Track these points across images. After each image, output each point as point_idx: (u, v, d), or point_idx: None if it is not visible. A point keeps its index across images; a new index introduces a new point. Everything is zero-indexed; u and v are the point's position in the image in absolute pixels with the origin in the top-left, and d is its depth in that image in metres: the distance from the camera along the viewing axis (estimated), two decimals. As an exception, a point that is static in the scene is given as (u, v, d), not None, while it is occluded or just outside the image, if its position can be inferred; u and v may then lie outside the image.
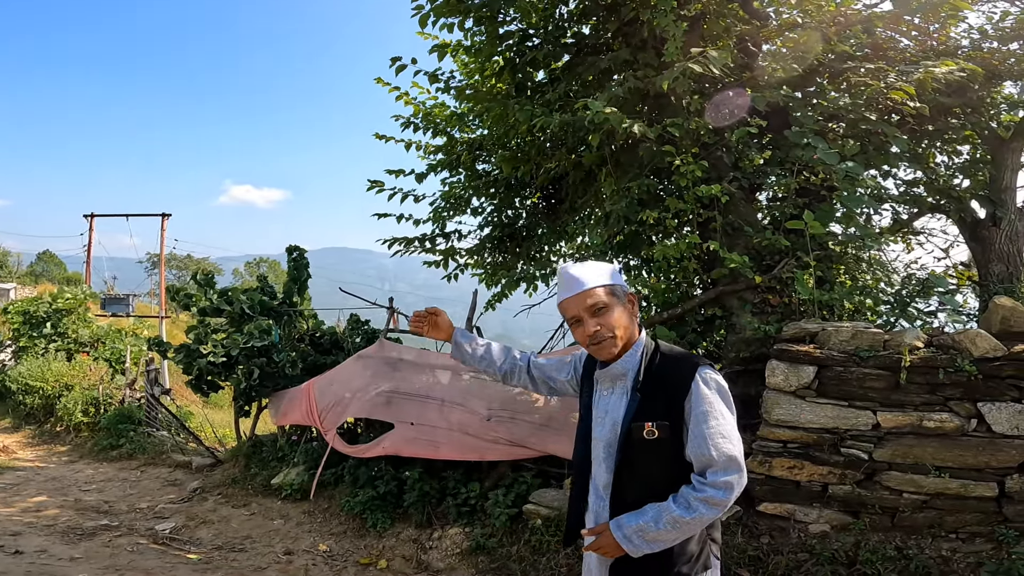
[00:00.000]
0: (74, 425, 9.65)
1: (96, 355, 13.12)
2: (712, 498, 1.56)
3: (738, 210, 4.04)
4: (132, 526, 4.77)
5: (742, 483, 1.59)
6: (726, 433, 1.59)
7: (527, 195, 5.72)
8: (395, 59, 4.75)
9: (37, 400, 10.83)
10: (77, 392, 10.29)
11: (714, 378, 1.64)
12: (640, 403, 1.67)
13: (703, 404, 1.60)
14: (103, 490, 6.16)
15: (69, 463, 7.93)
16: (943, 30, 4.13)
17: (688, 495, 1.59)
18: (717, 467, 1.57)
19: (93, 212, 24.68)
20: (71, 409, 9.80)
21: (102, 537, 4.43)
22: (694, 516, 1.57)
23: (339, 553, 4.18)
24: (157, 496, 5.84)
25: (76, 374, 11.24)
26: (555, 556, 3.60)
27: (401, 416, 4.66)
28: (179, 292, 6.90)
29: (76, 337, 13.58)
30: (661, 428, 1.63)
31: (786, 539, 3.27)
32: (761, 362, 3.55)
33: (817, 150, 3.51)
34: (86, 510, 5.25)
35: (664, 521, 1.59)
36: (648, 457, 1.66)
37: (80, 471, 7.27)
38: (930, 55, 3.91)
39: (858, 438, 3.23)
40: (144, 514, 5.19)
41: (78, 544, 4.25)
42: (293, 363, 5.96)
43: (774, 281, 3.86)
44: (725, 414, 1.61)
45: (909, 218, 4.74)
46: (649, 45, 4.07)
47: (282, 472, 5.52)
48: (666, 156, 3.81)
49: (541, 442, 4.16)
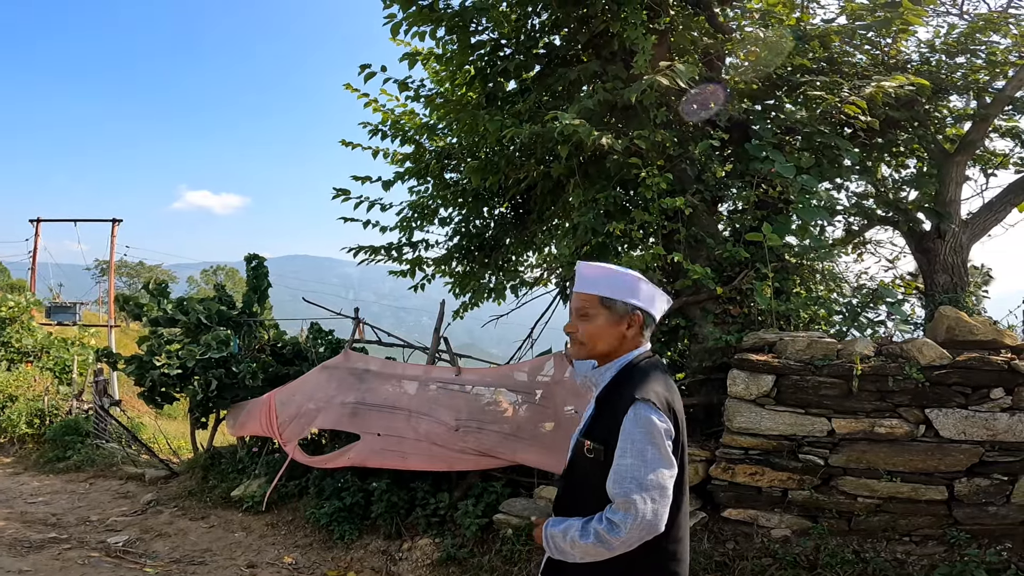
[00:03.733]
0: (18, 437, 9.24)
1: (40, 365, 12.55)
2: (601, 532, 1.53)
3: (701, 222, 4.14)
4: (83, 539, 4.57)
5: (639, 529, 1.50)
6: (636, 476, 1.51)
7: (495, 205, 5.74)
8: (364, 66, 4.74)
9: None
10: (21, 403, 9.88)
11: (646, 417, 1.55)
12: (592, 419, 1.70)
13: (625, 440, 1.55)
14: (50, 503, 5.88)
15: (13, 475, 7.56)
16: (895, 44, 4.29)
17: (592, 521, 1.57)
18: (616, 504, 1.53)
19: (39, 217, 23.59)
20: (15, 420, 9.40)
21: (51, 550, 4.23)
22: (587, 542, 1.55)
23: (306, 566, 4.09)
24: (108, 509, 5.60)
25: (20, 384, 10.75)
26: (527, 565, 3.60)
27: (368, 427, 4.60)
28: (129, 301, 6.69)
29: (19, 347, 12.96)
30: (596, 451, 1.62)
31: (750, 544, 3.35)
32: (723, 371, 3.63)
33: (775, 163, 3.62)
34: (33, 523, 5.00)
35: (569, 536, 1.60)
36: (585, 471, 1.68)
37: (25, 483, 6.93)
38: (882, 69, 4.07)
39: (814, 444, 3.34)
40: (95, 527, 4.97)
41: (26, 556, 4.05)
42: (254, 374, 5.83)
43: (734, 292, 3.96)
44: (645, 454, 1.52)
45: (859, 229, 4.94)
46: (618, 57, 4.15)
47: (243, 484, 5.38)
48: (633, 168, 3.89)
49: (510, 451, 4.18)
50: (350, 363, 5.13)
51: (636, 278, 1.73)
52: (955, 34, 4.34)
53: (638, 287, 1.72)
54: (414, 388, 4.86)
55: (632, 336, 1.72)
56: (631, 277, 1.73)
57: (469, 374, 4.81)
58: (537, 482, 4.17)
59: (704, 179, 4.18)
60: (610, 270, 1.74)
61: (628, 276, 1.73)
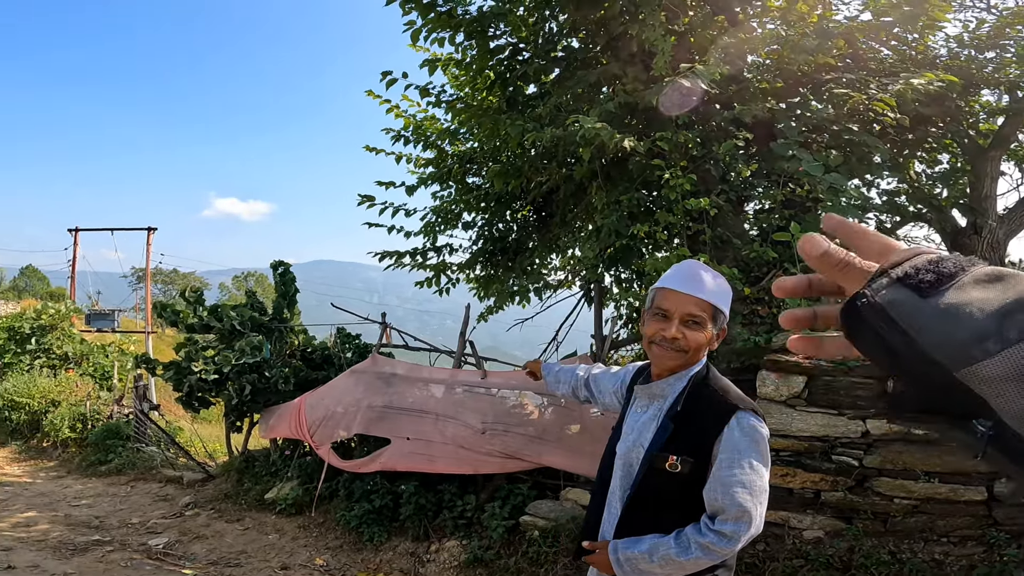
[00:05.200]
0: (61, 441, 9.56)
1: (82, 371, 12.99)
2: (712, 544, 1.51)
3: (726, 222, 4.09)
4: (124, 541, 4.72)
5: (749, 537, 1.52)
6: (748, 484, 1.50)
7: (518, 208, 5.76)
8: (386, 73, 4.80)
9: (23, 416, 10.71)
10: (64, 408, 10.21)
11: (752, 425, 1.55)
12: (671, 433, 1.62)
13: (731, 450, 1.52)
14: (93, 505, 6.09)
15: (57, 478, 7.83)
16: (921, 40, 4.20)
17: (690, 536, 1.54)
18: (727, 516, 1.51)
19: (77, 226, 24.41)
20: (58, 425, 9.72)
21: (95, 552, 4.38)
22: (689, 558, 1.53)
23: (336, 567, 4.16)
24: (148, 511, 5.77)
25: (62, 390, 11.14)
26: (553, 567, 3.61)
27: (396, 431, 4.67)
28: (166, 308, 6.87)
29: (61, 353, 13.44)
30: (684, 464, 1.57)
31: (781, 545, 3.31)
32: (751, 372, 3.59)
33: (802, 162, 3.56)
34: (77, 525, 5.19)
35: (659, 556, 1.55)
36: (664, 489, 1.62)
37: (69, 486, 7.18)
38: (909, 65, 3.99)
39: (848, 445, 3.28)
40: (136, 529, 5.13)
41: (70, 559, 4.20)
42: (286, 379, 5.95)
43: (762, 292, 3.92)
44: (754, 465, 1.52)
45: (892, 227, 4.83)
46: (638, 59, 4.13)
47: (276, 487, 5.49)
48: (656, 170, 3.87)
49: (536, 454, 4.19)
50: (377, 367, 5.20)
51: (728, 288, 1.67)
52: (984, 28, 4.23)
53: (729, 298, 1.66)
54: (441, 391, 4.91)
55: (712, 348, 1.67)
56: (728, 287, 1.67)
57: (495, 377, 4.84)
58: (563, 484, 4.18)
59: (729, 179, 4.13)
60: (721, 279, 1.65)
61: (727, 286, 1.67)
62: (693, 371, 1.66)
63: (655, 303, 1.65)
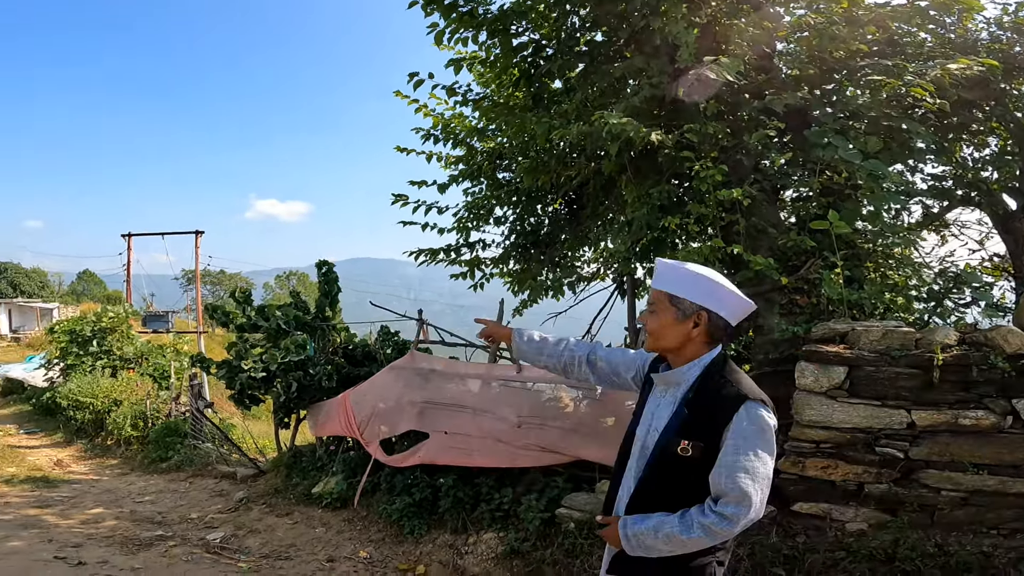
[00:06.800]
0: (124, 439, 10.07)
1: (141, 371, 13.63)
2: (713, 525, 1.60)
3: (761, 212, 4.02)
4: (185, 536, 4.98)
5: (748, 520, 1.60)
6: (751, 470, 1.59)
7: (548, 202, 5.77)
8: (412, 74, 4.87)
9: (87, 415, 11.32)
10: (126, 407, 10.73)
11: (760, 415, 1.64)
12: (684, 419, 1.71)
13: (738, 438, 1.61)
14: (156, 501, 6.43)
15: (121, 475, 8.29)
16: (960, 24, 4.05)
17: (694, 516, 1.63)
18: (729, 499, 1.59)
19: (130, 231, 25.55)
20: (120, 423, 10.23)
21: (158, 547, 4.64)
22: (690, 537, 1.62)
23: (379, 560, 4.31)
24: (206, 506, 6.07)
25: (123, 390, 11.70)
26: (588, 558, 3.65)
27: (435, 425, 4.77)
28: (217, 309, 7.15)
29: (121, 354, 14.13)
30: (695, 448, 1.66)
31: (822, 538, 3.27)
32: (790, 363, 3.54)
33: (838, 149, 3.47)
34: (141, 521, 5.49)
35: (663, 533, 1.65)
36: (674, 471, 1.70)
37: (132, 483, 7.59)
38: (948, 49, 3.84)
39: (893, 437, 3.20)
40: (195, 524, 5.41)
41: (136, 554, 4.46)
42: (329, 376, 6.13)
43: (801, 282, 3.84)
44: (759, 453, 1.61)
45: (939, 212, 4.64)
46: (662, 52, 4.08)
47: (322, 481, 5.69)
48: (685, 161, 3.83)
49: (571, 447, 4.22)
50: (416, 363, 5.30)
51: (712, 280, 1.74)
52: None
53: (712, 289, 1.73)
54: (477, 386, 4.97)
55: (698, 336, 1.74)
56: (705, 279, 1.74)
57: (530, 371, 4.87)
58: (599, 477, 4.20)
59: (762, 169, 4.05)
60: (684, 269, 1.76)
61: (702, 277, 1.74)
62: (707, 360, 1.75)
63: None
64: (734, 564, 3.20)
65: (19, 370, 17.11)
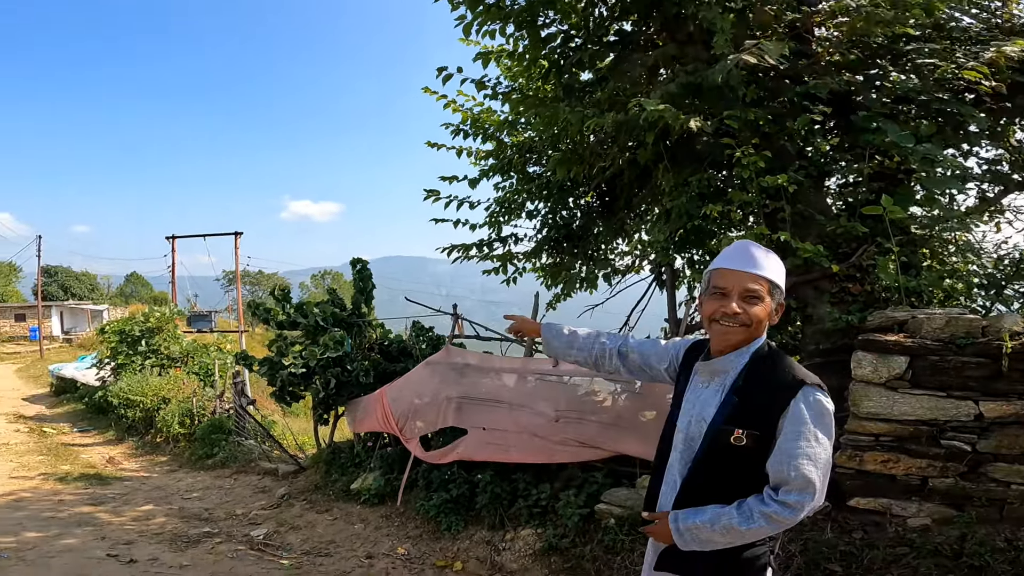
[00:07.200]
0: (172, 436, 10.38)
1: (187, 369, 14.05)
2: (776, 514, 1.57)
3: (807, 199, 3.91)
4: (230, 533, 5.09)
5: (812, 508, 1.58)
6: (813, 457, 1.56)
7: (581, 195, 5.67)
8: (441, 69, 4.84)
9: (138, 413, 11.72)
10: (173, 405, 11.06)
11: (818, 400, 1.60)
12: (734, 407, 1.66)
13: (798, 424, 1.57)
14: (203, 498, 6.60)
15: (170, 472, 8.54)
16: (1006, 8, 3.92)
17: (753, 506, 1.60)
18: (791, 487, 1.56)
19: (174, 234, 26.38)
20: (169, 421, 10.54)
21: (205, 544, 4.75)
22: (751, 527, 1.58)
23: (416, 556, 4.31)
24: (250, 503, 6.19)
25: (171, 388, 12.07)
26: (629, 555, 3.59)
27: (471, 421, 4.75)
28: (258, 307, 7.27)
29: (168, 353, 14.58)
30: (750, 437, 1.62)
31: (882, 534, 3.17)
32: (843, 353, 3.42)
33: (889, 133, 3.37)
34: (189, 518, 5.64)
35: (720, 525, 1.61)
36: (728, 462, 1.66)
37: (180, 480, 7.82)
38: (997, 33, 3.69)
39: (959, 429, 3.05)
40: (240, 520, 5.52)
41: (185, 551, 4.58)
42: (366, 372, 6.17)
43: (853, 269, 3.71)
44: (820, 438, 1.57)
45: (995, 197, 4.42)
46: (696, 39, 3.99)
47: (360, 477, 5.74)
48: (725, 149, 3.72)
49: (611, 442, 4.14)
50: (451, 359, 5.29)
51: (783, 265, 1.75)
52: None
53: (784, 274, 1.75)
54: (513, 381, 4.93)
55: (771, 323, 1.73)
56: (782, 265, 1.75)
57: (566, 364, 4.79)
58: (639, 472, 4.11)
59: (807, 154, 3.92)
60: (774, 256, 1.74)
61: (781, 264, 1.75)
62: (754, 347, 1.71)
63: (712, 284, 1.73)
64: (786, 560, 3.13)
65: (71, 369, 17.86)
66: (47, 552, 4.37)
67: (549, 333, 2.24)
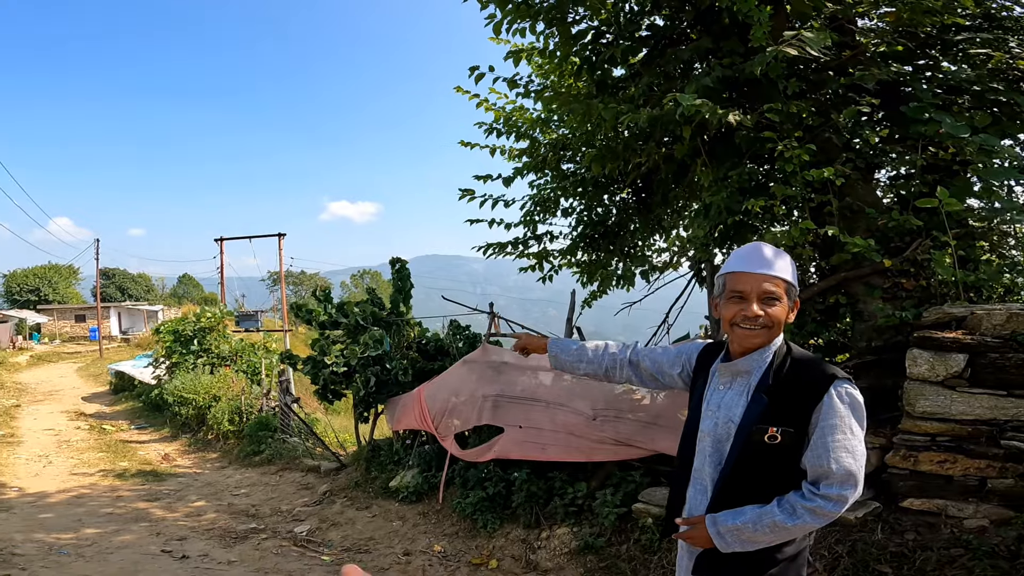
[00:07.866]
0: (222, 433, 10.74)
1: (236, 368, 14.51)
2: (821, 508, 1.57)
3: (856, 192, 3.76)
4: (275, 529, 5.24)
5: (854, 499, 1.59)
6: (851, 448, 1.57)
7: (616, 191, 5.58)
8: (473, 68, 4.83)
9: (190, 411, 12.17)
10: (224, 403, 11.43)
11: (850, 392, 1.61)
12: (765, 407, 1.65)
13: (833, 417, 1.58)
14: (250, 494, 6.81)
15: (220, 468, 8.84)
16: None
17: (795, 502, 1.60)
18: (833, 480, 1.56)
19: (222, 236, 27.27)
20: (219, 418, 10.91)
21: (252, 540, 4.90)
22: (796, 523, 1.59)
23: (452, 553, 4.35)
24: (294, 499, 6.36)
25: (221, 386, 12.48)
26: (666, 555, 3.54)
27: (508, 419, 4.74)
28: (301, 308, 7.45)
29: (218, 352, 15.10)
30: (784, 434, 1.62)
31: (936, 535, 3.06)
32: (895, 351, 3.32)
33: (942, 124, 3.24)
34: (237, 514, 5.83)
35: (764, 524, 1.61)
36: (763, 461, 1.66)
37: (230, 476, 8.08)
38: None
39: (1020, 429, 2.92)
40: (285, 517, 5.68)
41: (233, 547, 4.73)
42: (405, 370, 6.24)
43: (906, 264, 3.54)
44: (855, 430, 1.58)
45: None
46: (732, 32, 3.88)
47: (398, 475, 5.82)
48: (766, 143, 3.61)
49: (649, 440, 4.08)
50: (487, 357, 5.29)
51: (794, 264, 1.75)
52: None
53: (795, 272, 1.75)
54: (550, 379, 4.90)
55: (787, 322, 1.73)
56: (791, 262, 1.74)
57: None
58: (678, 472, 4.02)
59: (854, 147, 3.76)
60: (785, 254, 1.74)
61: (791, 261, 1.75)
62: (774, 347, 1.71)
63: (728, 287, 1.72)
64: (832, 561, 3.06)
65: (128, 365, 18.71)
66: (105, 548, 4.58)
67: (557, 348, 2.21)
